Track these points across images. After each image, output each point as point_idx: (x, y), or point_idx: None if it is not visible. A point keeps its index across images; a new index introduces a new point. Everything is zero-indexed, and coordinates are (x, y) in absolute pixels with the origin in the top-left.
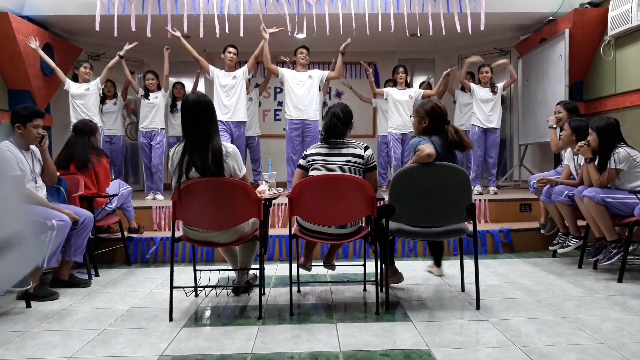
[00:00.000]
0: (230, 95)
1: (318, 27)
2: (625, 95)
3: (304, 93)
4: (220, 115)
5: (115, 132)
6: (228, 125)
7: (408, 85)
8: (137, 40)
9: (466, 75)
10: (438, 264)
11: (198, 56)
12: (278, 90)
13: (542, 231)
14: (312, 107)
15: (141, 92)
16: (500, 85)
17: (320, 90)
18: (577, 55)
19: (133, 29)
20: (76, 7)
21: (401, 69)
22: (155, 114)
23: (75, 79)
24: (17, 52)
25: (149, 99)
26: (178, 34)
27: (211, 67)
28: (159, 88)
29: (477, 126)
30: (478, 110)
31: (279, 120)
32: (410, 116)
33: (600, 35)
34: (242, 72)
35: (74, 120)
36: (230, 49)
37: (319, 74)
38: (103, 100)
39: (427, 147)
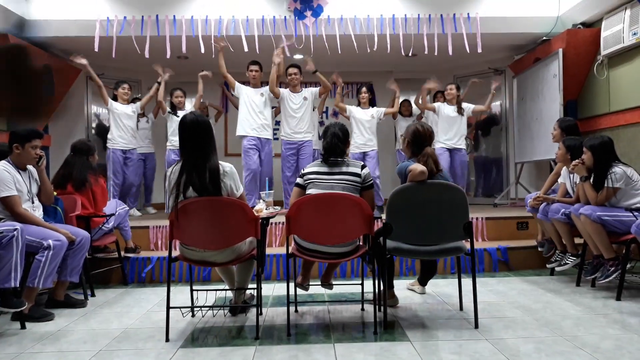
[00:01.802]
0: (257, 113)
1: (315, 48)
2: (620, 114)
3: (300, 116)
4: (249, 131)
5: (149, 150)
6: (259, 140)
7: (372, 105)
8: (135, 60)
9: (438, 96)
10: (424, 283)
11: (226, 73)
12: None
13: (539, 249)
14: (307, 127)
15: (167, 109)
16: (467, 107)
17: (315, 109)
18: (571, 74)
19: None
20: (75, 29)
21: (364, 89)
22: None
23: (114, 98)
24: None
25: (178, 117)
26: (224, 44)
27: (237, 84)
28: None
29: (441, 146)
30: (442, 128)
31: (277, 139)
32: (401, 135)
33: (593, 55)
34: (267, 91)
35: (117, 139)
36: (252, 67)
37: (311, 93)
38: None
39: (418, 165)
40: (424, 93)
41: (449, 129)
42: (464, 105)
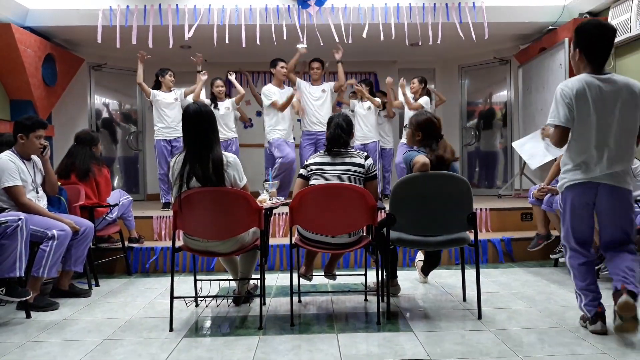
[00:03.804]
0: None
1: (319, 37)
2: None
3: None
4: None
5: None
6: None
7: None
8: (138, 49)
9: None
10: (426, 273)
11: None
12: None
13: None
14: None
15: (207, 100)
16: (424, 102)
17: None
18: None
19: (134, 41)
20: (78, 18)
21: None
22: (228, 123)
23: (156, 86)
24: (19, 62)
25: (219, 109)
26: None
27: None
28: (226, 96)
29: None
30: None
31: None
32: (405, 126)
33: None
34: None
35: (161, 129)
36: (314, 64)
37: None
38: None
39: (420, 157)
40: (403, 90)
41: None
42: (423, 100)
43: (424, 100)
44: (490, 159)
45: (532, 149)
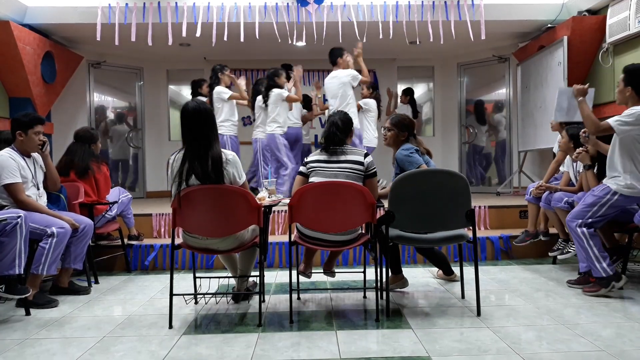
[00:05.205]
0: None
1: (318, 35)
2: None
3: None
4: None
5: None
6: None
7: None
8: (137, 47)
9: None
10: (449, 272)
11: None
12: None
13: (542, 238)
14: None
15: None
16: (363, 103)
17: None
18: (575, 62)
19: (133, 39)
20: (77, 16)
21: None
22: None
23: (216, 82)
24: (18, 60)
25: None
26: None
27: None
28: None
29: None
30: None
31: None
32: (383, 128)
33: (598, 42)
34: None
35: (232, 124)
36: (347, 53)
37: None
38: None
39: (422, 166)
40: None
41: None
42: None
43: (363, 102)
44: (488, 156)
45: (563, 103)
